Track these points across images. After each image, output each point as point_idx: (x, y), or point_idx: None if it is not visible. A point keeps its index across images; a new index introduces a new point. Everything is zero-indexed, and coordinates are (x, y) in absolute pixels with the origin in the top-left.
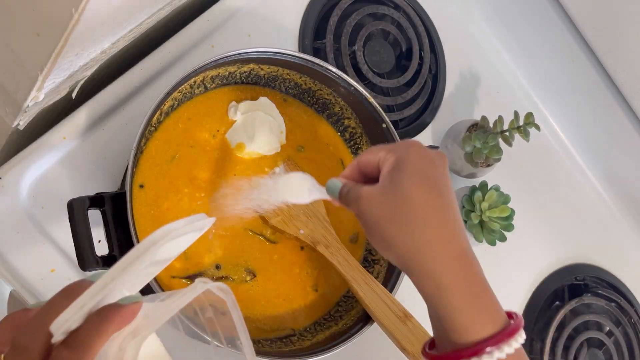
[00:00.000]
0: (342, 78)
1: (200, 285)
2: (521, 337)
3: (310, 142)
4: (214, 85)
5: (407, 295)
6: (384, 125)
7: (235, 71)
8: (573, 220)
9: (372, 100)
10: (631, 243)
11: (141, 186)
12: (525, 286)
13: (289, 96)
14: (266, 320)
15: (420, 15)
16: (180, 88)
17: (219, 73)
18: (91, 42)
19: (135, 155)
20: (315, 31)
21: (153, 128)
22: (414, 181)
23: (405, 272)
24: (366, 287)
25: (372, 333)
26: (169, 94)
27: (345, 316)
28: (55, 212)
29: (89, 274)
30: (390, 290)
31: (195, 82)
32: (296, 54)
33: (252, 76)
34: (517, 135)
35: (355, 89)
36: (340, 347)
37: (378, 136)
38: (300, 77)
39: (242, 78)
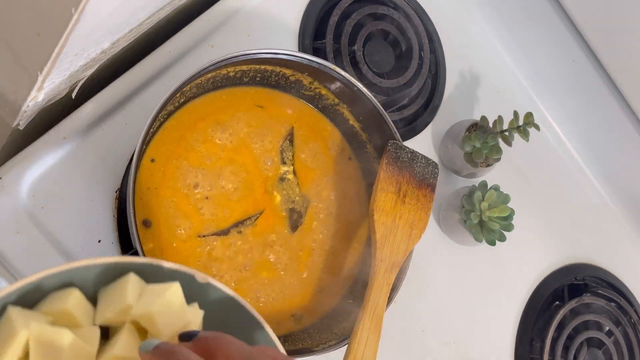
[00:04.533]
0: (342, 75)
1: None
2: None
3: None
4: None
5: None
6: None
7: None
8: (573, 220)
9: (373, 99)
10: (631, 242)
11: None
12: (525, 286)
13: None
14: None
15: (420, 16)
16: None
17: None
18: (91, 42)
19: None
20: (315, 31)
21: (154, 129)
22: None
23: None
24: None
25: None
26: (179, 89)
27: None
28: (56, 212)
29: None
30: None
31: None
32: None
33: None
34: (516, 135)
35: (358, 88)
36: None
37: (380, 133)
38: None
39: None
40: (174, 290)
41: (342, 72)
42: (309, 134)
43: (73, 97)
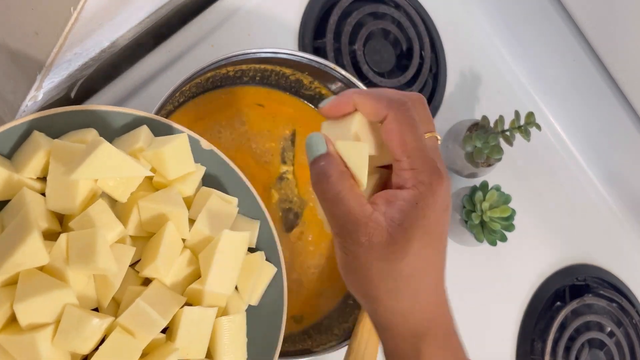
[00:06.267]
0: (342, 74)
1: None
2: None
3: None
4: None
5: None
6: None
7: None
8: (574, 220)
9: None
10: (632, 243)
11: None
12: (526, 286)
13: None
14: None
15: (420, 15)
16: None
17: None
18: (90, 41)
19: None
20: (316, 30)
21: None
22: (431, 242)
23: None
24: None
25: None
26: (184, 83)
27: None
28: None
29: None
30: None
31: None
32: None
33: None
34: (518, 135)
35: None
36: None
37: None
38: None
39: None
40: (182, 139)
41: (343, 72)
42: (308, 133)
43: (72, 96)
